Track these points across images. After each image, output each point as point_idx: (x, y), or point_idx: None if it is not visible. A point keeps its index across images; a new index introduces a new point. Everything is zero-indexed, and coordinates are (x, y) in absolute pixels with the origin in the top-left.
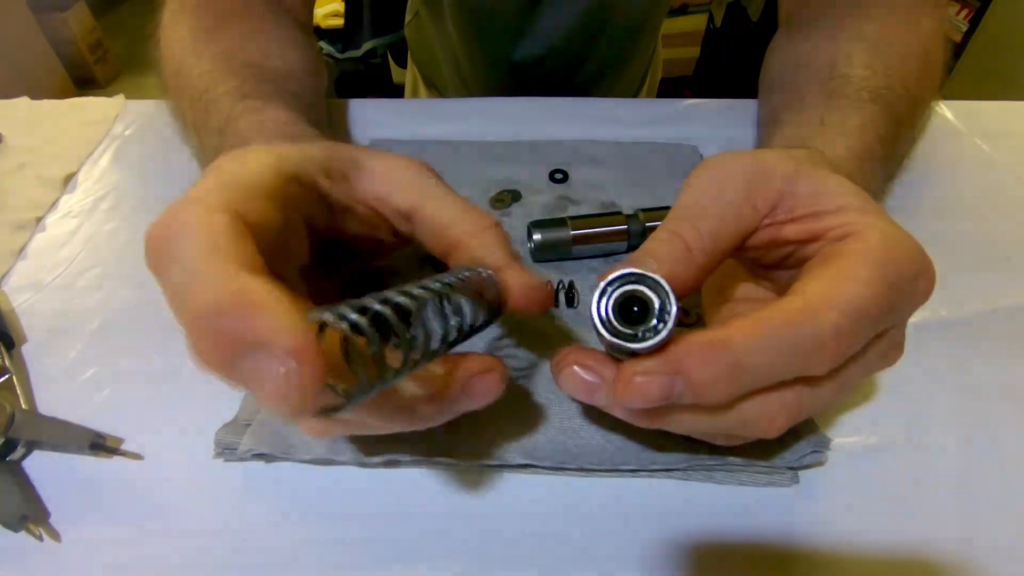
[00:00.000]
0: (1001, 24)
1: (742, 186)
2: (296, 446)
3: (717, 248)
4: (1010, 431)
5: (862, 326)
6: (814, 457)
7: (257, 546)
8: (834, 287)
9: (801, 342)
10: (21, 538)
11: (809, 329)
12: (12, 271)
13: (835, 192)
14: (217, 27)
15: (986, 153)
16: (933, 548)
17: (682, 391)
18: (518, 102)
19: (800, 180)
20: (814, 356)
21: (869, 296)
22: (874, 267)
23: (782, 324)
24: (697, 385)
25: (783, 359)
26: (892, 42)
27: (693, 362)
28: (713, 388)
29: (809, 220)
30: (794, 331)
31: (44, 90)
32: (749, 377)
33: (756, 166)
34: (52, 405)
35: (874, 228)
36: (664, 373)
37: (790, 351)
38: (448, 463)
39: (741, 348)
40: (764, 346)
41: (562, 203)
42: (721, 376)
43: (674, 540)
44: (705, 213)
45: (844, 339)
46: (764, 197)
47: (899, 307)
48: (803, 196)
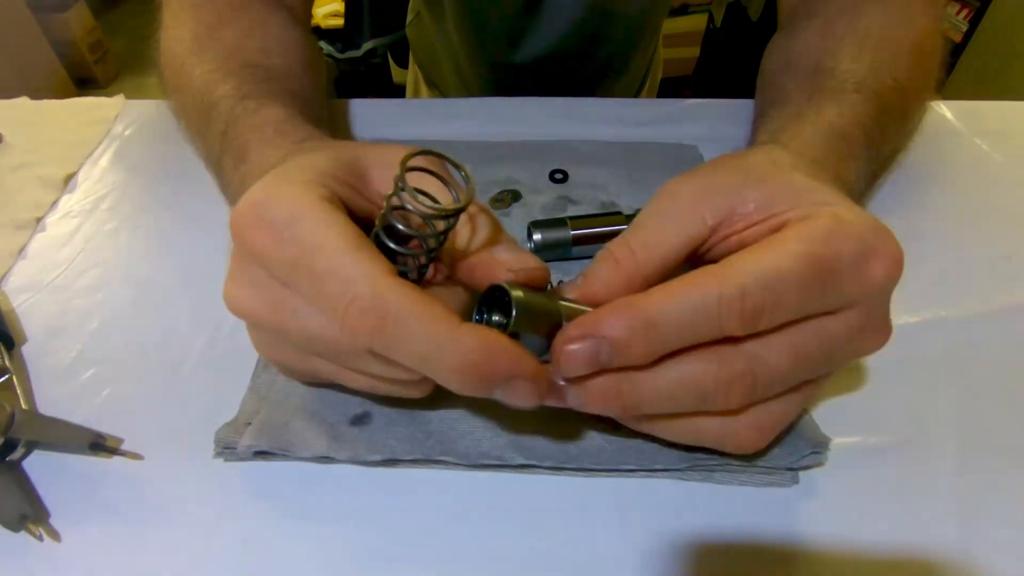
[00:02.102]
0: (1001, 24)
1: (686, 200)
2: (295, 444)
3: (652, 259)
4: (1010, 431)
5: (776, 290)
6: (814, 457)
7: (257, 546)
8: (751, 255)
9: (708, 301)
10: (21, 538)
11: (715, 289)
12: (12, 271)
13: (788, 192)
14: (217, 26)
15: (986, 153)
16: (933, 548)
17: (606, 351)
18: (518, 102)
19: (749, 187)
20: (723, 316)
21: (788, 263)
22: (805, 240)
23: (691, 285)
24: (616, 343)
25: (691, 316)
26: (883, 38)
27: (609, 320)
28: (631, 344)
29: (767, 222)
30: (701, 291)
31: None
32: (663, 332)
33: (702, 181)
34: (52, 405)
35: (826, 212)
36: (585, 335)
37: (697, 309)
38: (448, 463)
39: (652, 306)
40: (673, 304)
41: (562, 203)
42: (637, 332)
43: (674, 540)
44: (641, 228)
45: (751, 299)
46: (712, 208)
47: (842, 284)
48: (756, 201)
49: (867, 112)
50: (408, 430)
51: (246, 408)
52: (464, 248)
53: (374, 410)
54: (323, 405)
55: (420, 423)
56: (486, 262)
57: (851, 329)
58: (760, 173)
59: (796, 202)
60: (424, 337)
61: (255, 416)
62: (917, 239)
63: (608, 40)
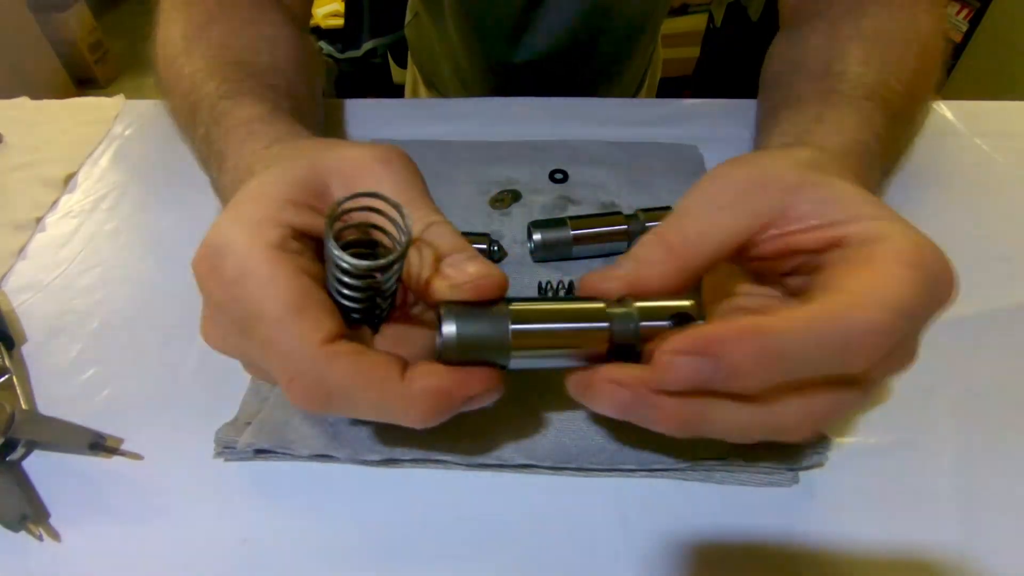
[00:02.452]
0: (1001, 24)
1: (739, 192)
2: (295, 442)
3: (703, 250)
4: (1010, 431)
5: (903, 325)
6: (814, 458)
7: (257, 546)
8: (879, 286)
9: (845, 336)
10: (21, 538)
11: (854, 324)
12: (12, 271)
13: (846, 200)
14: (206, 25)
15: (986, 153)
16: (933, 548)
17: (714, 373)
18: (518, 102)
19: (806, 189)
20: (855, 352)
21: (910, 296)
22: (910, 268)
23: (826, 316)
24: (731, 367)
25: (823, 352)
26: (889, 39)
27: (728, 343)
28: (747, 372)
29: (825, 229)
30: (839, 325)
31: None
32: (786, 365)
33: (757, 174)
34: (52, 405)
35: (898, 232)
36: (698, 353)
37: (832, 344)
38: (448, 463)
39: (780, 334)
40: (805, 336)
41: (562, 203)
42: (758, 360)
43: (674, 540)
44: (693, 216)
45: (887, 336)
46: (766, 204)
47: (930, 311)
48: (811, 205)
49: (881, 122)
50: (408, 430)
51: (246, 408)
52: (417, 271)
53: None
54: None
55: None
56: (433, 282)
57: (905, 357)
58: (815, 175)
59: (852, 212)
60: (369, 403)
61: (255, 416)
62: None
63: (607, 40)
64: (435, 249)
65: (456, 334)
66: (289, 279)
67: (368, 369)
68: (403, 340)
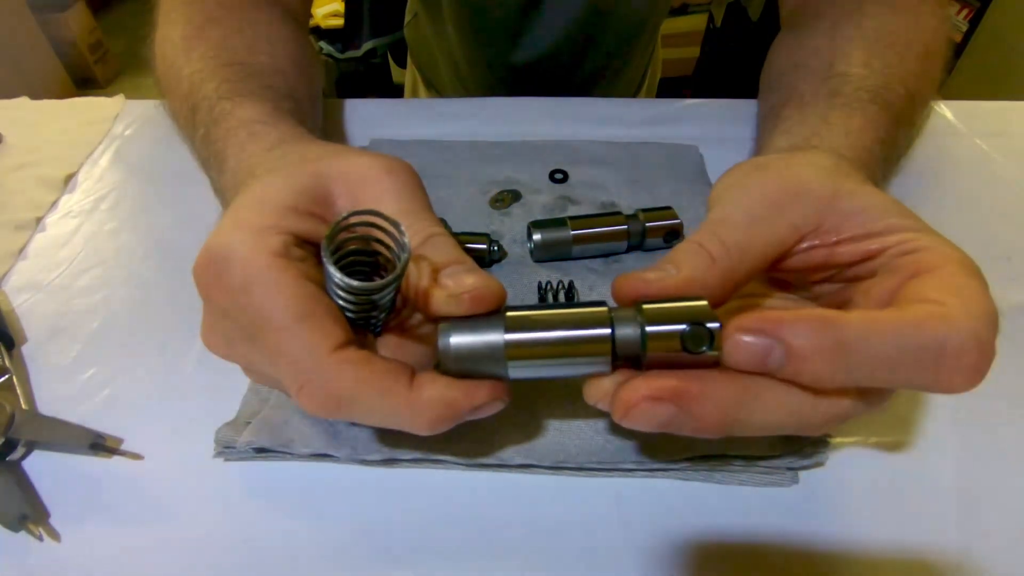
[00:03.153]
0: (1001, 24)
1: (775, 203)
2: (295, 441)
3: (744, 262)
4: (1010, 431)
5: (992, 337)
6: (814, 457)
7: (257, 546)
8: (962, 294)
9: (939, 344)
10: (21, 538)
11: (951, 332)
12: (12, 271)
13: (879, 210)
14: (205, 25)
15: (986, 153)
16: (933, 548)
17: (778, 357)
18: (518, 102)
19: (841, 199)
20: (950, 363)
21: (991, 305)
22: (976, 278)
23: (915, 321)
24: (797, 353)
25: (907, 358)
26: (892, 40)
27: (797, 329)
28: (811, 360)
29: (861, 240)
30: (929, 331)
31: (44, 90)
32: (853, 361)
33: (791, 184)
34: (52, 405)
35: (938, 243)
36: (763, 331)
37: (919, 351)
38: (448, 463)
39: (854, 331)
40: (881, 335)
41: (562, 203)
42: (824, 350)
43: (674, 540)
44: (733, 226)
45: (984, 347)
46: (804, 216)
47: None
48: (848, 216)
49: (884, 126)
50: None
51: (246, 408)
52: (415, 283)
53: None
54: None
55: None
56: (432, 295)
57: None
58: (845, 184)
59: (888, 223)
60: (377, 411)
61: (255, 416)
62: None
63: (606, 40)
64: (434, 261)
65: (452, 346)
66: (295, 287)
67: (377, 377)
68: (403, 347)
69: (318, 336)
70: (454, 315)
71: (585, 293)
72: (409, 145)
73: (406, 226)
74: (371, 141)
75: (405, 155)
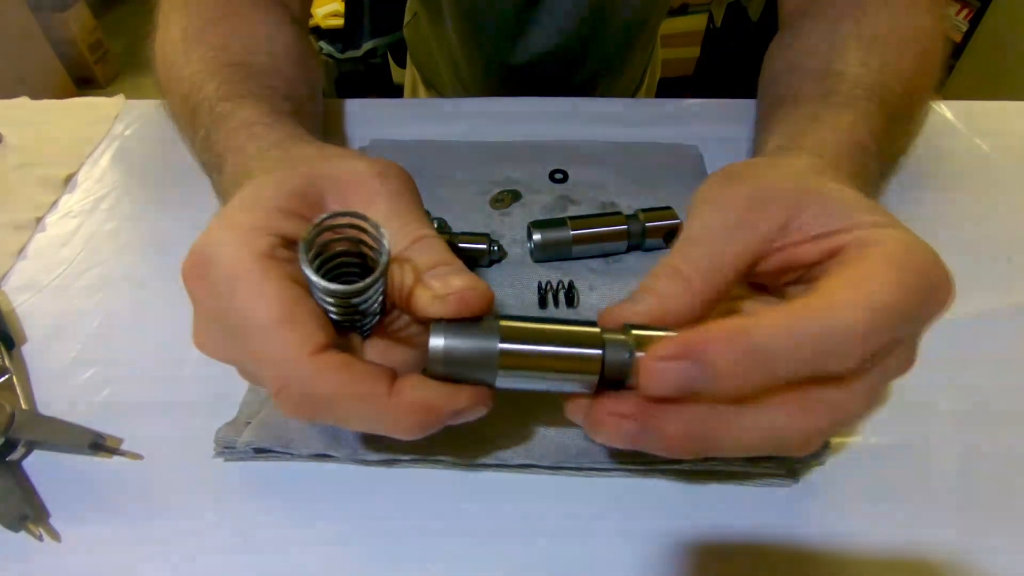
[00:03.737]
0: (1001, 24)
1: (742, 212)
2: (295, 441)
3: (719, 276)
4: (1010, 431)
5: (887, 327)
6: (814, 457)
7: (257, 546)
8: (860, 286)
9: (827, 335)
10: (21, 538)
11: (836, 323)
12: (12, 271)
13: (844, 207)
14: (205, 26)
15: (986, 153)
16: (933, 548)
17: (700, 375)
18: (518, 102)
19: (806, 199)
20: (839, 352)
21: (893, 298)
22: (896, 271)
23: (807, 316)
24: (716, 369)
25: (806, 351)
26: (889, 39)
27: (712, 346)
28: (731, 373)
29: (823, 240)
30: (819, 324)
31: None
32: (769, 364)
33: (756, 191)
34: (52, 405)
35: (892, 236)
36: (681, 357)
37: (814, 343)
38: (448, 463)
39: (762, 334)
40: (787, 335)
41: (562, 203)
42: (741, 360)
43: (674, 540)
44: (703, 244)
45: (871, 337)
46: (769, 221)
47: (919, 314)
48: (812, 216)
49: (879, 123)
50: None
51: (246, 408)
52: (399, 284)
53: None
54: None
55: None
56: (417, 295)
57: (903, 362)
58: (812, 184)
59: (851, 220)
60: (356, 414)
61: (255, 416)
62: None
63: (606, 40)
64: (419, 263)
65: (443, 348)
66: (278, 288)
67: (356, 381)
68: (391, 349)
69: (298, 338)
70: (440, 316)
71: (585, 293)
72: (409, 145)
73: (395, 229)
74: (371, 141)
75: (405, 155)
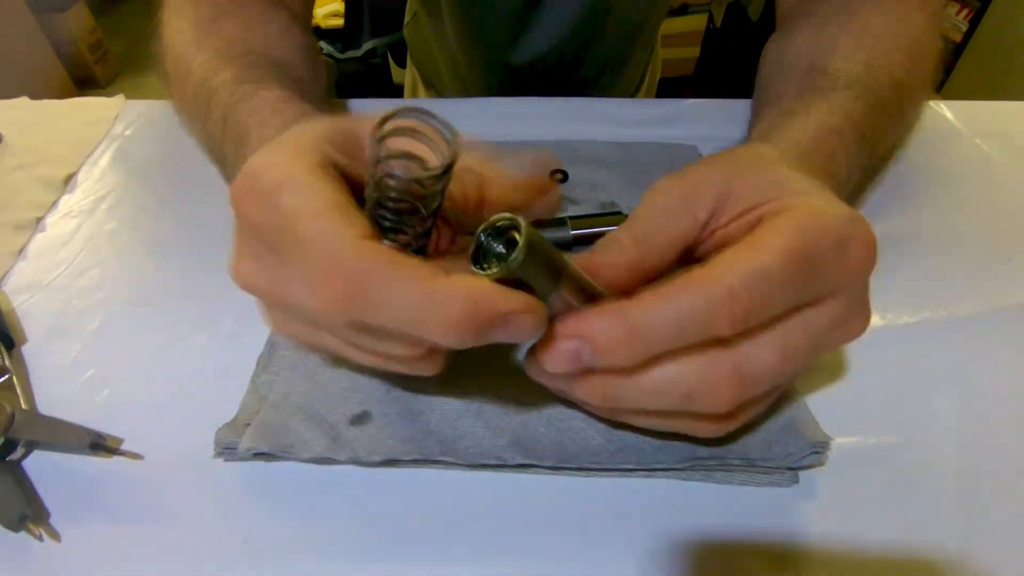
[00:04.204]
0: (1001, 24)
1: (676, 195)
2: (295, 445)
3: (651, 253)
4: (1010, 431)
5: (762, 289)
6: (814, 457)
7: (257, 546)
8: (736, 255)
9: (695, 306)
10: (21, 538)
11: (703, 291)
12: (12, 271)
13: (773, 184)
14: (217, 18)
15: (986, 153)
16: (933, 548)
17: (589, 354)
18: (518, 102)
19: (736, 180)
20: (712, 318)
21: (772, 261)
22: (785, 235)
23: (678, 291)
24: (600, 347)
25: (679, 322)
26: (878, 35)
27: (594, 325)
28: (615, 350)
29: (748, 214)
30: (688, 296)
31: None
32: (649, 338)
33: (690, 178)
34: (52, 405)
35: (804, 203)
36: (571, 335)
37: (685, 315)
38: (448, 463)
39: (639, 312)
40: (660, 310)
41: (562, 203)
42: (621, 338)
43: (674, 540)
44: (641, 220)
45: (740, 301)
46: (702, 204)
47: (824, 274)
48: (741, 195)
49: (858, 108)
50: (408, 430)
51: (246, 408)
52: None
53: (374, 409)
54: (322, 405)
55: (420, 423)
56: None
57: (834, 318)
58: (744, 167)
59: (777, 193)
60: (405, 298)
61: (255, 416)
62: (917, 239)
63: (606, 41)
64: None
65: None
66: (327, 188)
67: (407, 263)
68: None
69: (348, 221)
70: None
71: None
72: None
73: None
74: None
75: None
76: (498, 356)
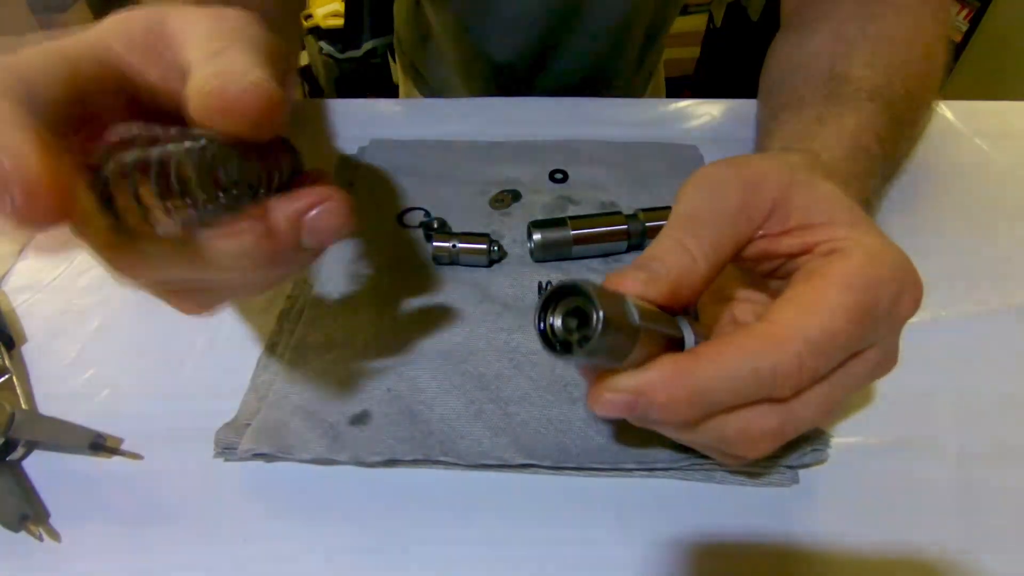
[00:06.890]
0: (1001, 24)
1: (738, 196)
2: (295, 445)
3: (718, 258)
4: (1010, 431)
5: (828, 354)
6: (814, 457)
7: (257, 546)
8: (804, 315)
9: (763, 371)
10: (21, 538)
11: (771, 357)
12: (12, 271)
13: (826, 204)
14: None
15: (986, 153)
16: (933, 548)
17: (646, 410)
18: (518, 102)
19: (794, 190)
20: (778, 384)
21: (839, 325)
22: (849, 292)
23: (746, 353)
24: (659, 406)
25: (744, 386)
26: (894, 42)
27: (657, 385)
28: (674, 410)
29: (800, 232)
30: (754, 359)
31: None
32: (709, 400)
33: (751, 175)
34: (52, 405)
35: (859, 246)
36: (629, 392)
37: (751, 379)
38: (448, 463)
39: (704, 375)
40: (726, 374)
41: (562, 203)
42: (682, 399)
43: (674, 540)
44: (705, 223)
45: (808, 369)
46: (758, 207)
47: (878, 328)
48: (796, 208)
49: (883, 123)
50: (408, 430)
51: (246, 408)
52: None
53: (374, 409)
54: (322, 405)
55: (420, 423)
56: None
57: (872, 366)
58: (800, 177)
59: (828, 217)
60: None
61: (255, 416)
62: (917, 239)
63: (618, 65)
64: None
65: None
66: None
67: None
68: None
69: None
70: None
71: None
72: (409, 145)
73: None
74: (371, 141)
75: (405, 155)
76: (499, 356)
